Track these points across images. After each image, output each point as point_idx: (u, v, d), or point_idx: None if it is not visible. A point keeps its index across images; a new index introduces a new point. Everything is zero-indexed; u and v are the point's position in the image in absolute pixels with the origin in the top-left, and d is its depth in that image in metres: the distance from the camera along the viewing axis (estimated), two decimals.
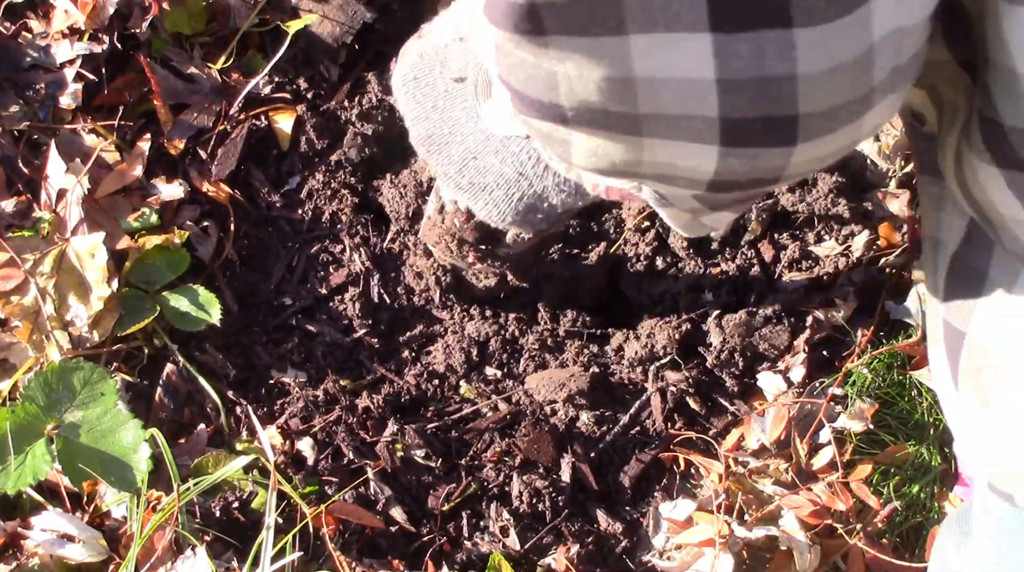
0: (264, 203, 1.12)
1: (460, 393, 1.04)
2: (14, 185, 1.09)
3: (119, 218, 1.06)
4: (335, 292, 1.10)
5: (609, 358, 1.05)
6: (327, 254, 1.11)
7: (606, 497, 1.01)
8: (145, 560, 0.92)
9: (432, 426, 1.02)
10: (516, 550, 0.97)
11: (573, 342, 1.05)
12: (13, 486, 0.91)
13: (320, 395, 1.03)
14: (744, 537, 0.96)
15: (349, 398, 1.02)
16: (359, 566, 0.95)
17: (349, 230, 1.11)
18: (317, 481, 0.97)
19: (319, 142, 1.12)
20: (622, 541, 0.99)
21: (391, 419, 1.01)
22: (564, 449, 1.00)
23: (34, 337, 1.00)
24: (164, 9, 1.12)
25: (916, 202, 1.12)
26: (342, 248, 1.11)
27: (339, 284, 1.10)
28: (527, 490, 0.98)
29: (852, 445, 1.00)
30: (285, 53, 1.11)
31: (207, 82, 1.13)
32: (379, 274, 1.10)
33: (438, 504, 0.98)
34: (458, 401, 1.04)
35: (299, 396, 1.02)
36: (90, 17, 1.12)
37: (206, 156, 1.11)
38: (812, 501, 0.95)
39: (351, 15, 1.11)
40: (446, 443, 1.01)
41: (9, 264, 1.02)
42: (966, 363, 0.66)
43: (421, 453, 1.00)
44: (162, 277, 1.05)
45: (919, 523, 1.02)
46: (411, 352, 1.07)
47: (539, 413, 1.02)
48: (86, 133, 1.10)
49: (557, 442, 0.99)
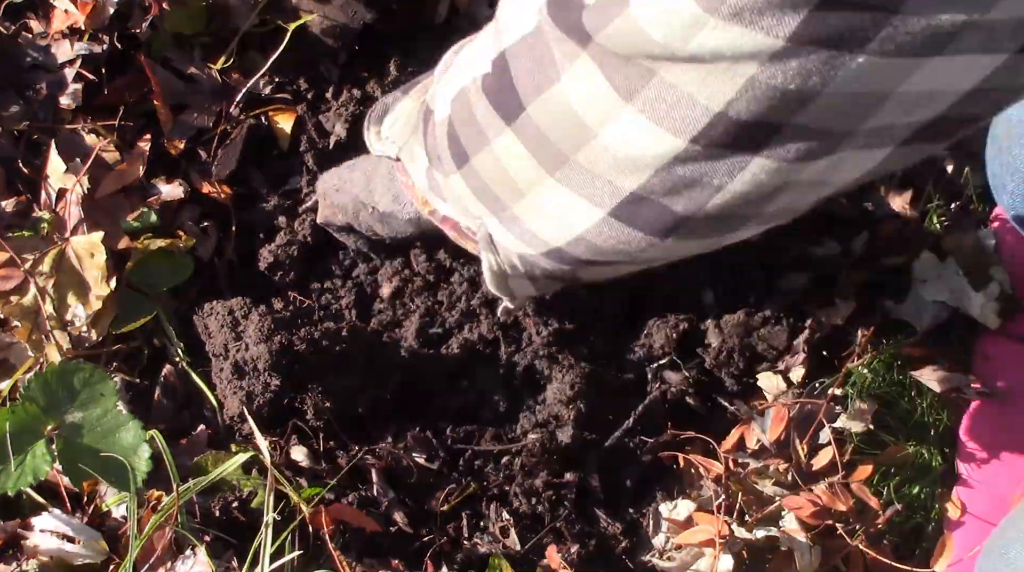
0: (264, 203, 1.12)
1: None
2: (14, 185, 1.09)
3: (119, 218, 1.06)
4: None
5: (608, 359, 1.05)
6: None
7: (607, 497, 1.01)
8: (145, 560, 0.92)
9: (432, 427, 1.02)
10: (516, 550, 0.97)
11: (574, 344, 1.05)
12: (13, 486, 0.91)
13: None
14: (744, 537, 0.96)
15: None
16: (359, 566, 0.95)
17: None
18: (319, 483, 0.97)
19: (319, 142, 1.12)
20: (622, 541, 0.99)
21: (392, 420, 1.01)
22: (565, 449, 1.00)
23: (33, 337, 1.00)
24: (164, 9, 1.12)
25: (917, 201, 1.12)
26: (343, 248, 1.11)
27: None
28: (528, 490, 0.98)
29: (852, 445, 1.00)
30: (286, 54, 1.11)
31: (207, 82, 1.13)
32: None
33: (438, 505, 0.98)
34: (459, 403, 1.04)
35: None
36: (90, 17, 1.12)
37: (206, 156, 1.11)
38: (812, 502, 0.94)
39: (351, 15, 1.11)
40: (446, 444, 1.01)
41: (9, 264, 1.02)
42: None
43: (422, 455, 1.00)
44: (164, 281, 1.05)
45: (919, 524, 1.02)
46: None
47: (540, 414, 1.02)
48: (86, 133, 1.10)
49: (557, 443, 0.99)
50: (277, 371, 0.95)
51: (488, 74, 0.60)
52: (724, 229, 0.58)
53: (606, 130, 0.53)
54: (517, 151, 0.58)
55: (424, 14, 1.16)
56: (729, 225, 0.57)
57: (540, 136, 0.56)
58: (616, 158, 0.54)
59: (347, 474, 0.98)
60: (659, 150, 0.52)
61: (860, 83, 0.47)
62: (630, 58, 0.51)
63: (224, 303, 1.01)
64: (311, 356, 0.95)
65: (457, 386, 1.04)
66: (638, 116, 0.52)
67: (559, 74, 0.54)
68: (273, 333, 0.96)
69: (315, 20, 1.12)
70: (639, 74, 0.51)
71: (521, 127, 0.57)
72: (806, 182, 0.54)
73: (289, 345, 0.96)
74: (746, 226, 0.58)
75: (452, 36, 1.14)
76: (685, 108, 0.50)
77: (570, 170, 0.56)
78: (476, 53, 0.65)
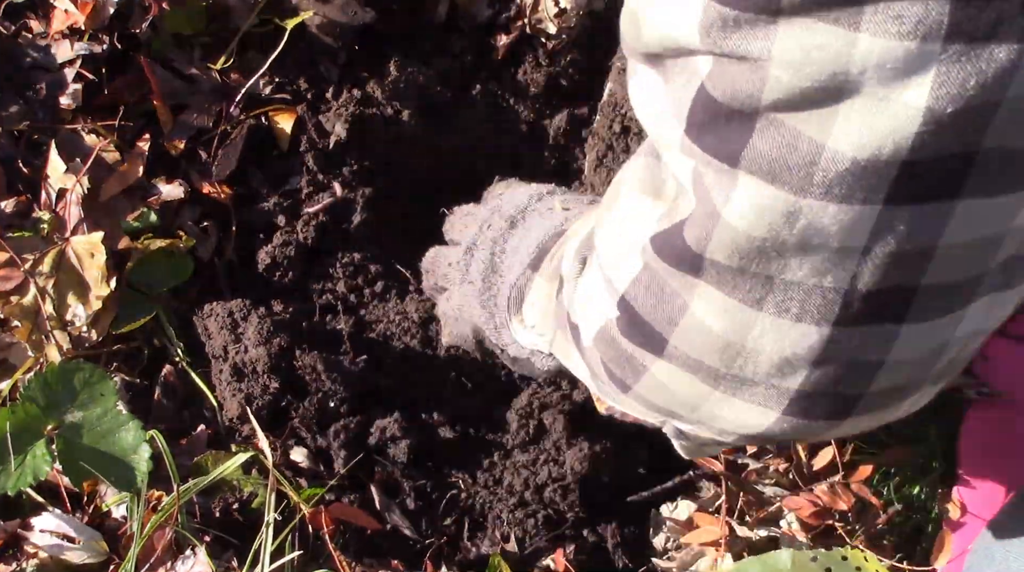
0: (264, 203, 1.12)
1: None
2: (14, 185, 1.09)
3: (119, 218, 1.06)
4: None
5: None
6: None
7: (607, 498, 1.01)
8: (145, 560, 0.92)
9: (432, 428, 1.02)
10: (516, 551, 0.97)
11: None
12: (13, 486, 0.91)
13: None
14: (745, 537, 0.96)
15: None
16: (359, 566, 0.95)
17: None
18: (319, 483, 0.97)
19: (319, 142, 1.12)
20: (622, 541, 0.99)
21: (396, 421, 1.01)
22: (566, 451, 1.00)
23: (33, 337, 1.00)
24: (164, 9, 1.12)
25: None
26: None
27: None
28: (528, 490, 0.98)
29: (852, 445, 1.00)
30: (285, 53, 1.11)
31: (207, 82, 1.13)
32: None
33: (438, 505, 0.98)
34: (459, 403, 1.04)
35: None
36: (90, 17, 1.12)
37: (206, 156, 1.11)
38: (813, 502, 0.94)
39: (351, 15, 1.11)
40: (446, 444, 1.01)
41: (9, 264, 1.02)
42: None
43: (421, 456, 1.00)
44: (164, 281, 1.04)
45: (919, 524, 1.02)
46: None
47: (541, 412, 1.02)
48: (86, 133, 1.10)
49: (558, 443, 0.99)
50: (276, 373, 0.95)
51: (618, 317, 0.61)
52: (898, 397, 0.57)
53: (750, 340, 0.54)
54: (677, 376, 0.59)
55: (424, 14, 1.16)
56: (904, 393, 0.57)
57: (691, 360, 0.57)
58: (771, 363, 0.54)
59: (347, 473, 0.98)
60: (807, 343, 0.52)
61: (970, 229, 0.47)
62: (743, 270, 0.51)
63: (224, 305, 1.01)
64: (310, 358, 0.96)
65: (456, 387, 1.04)
66: (776, 319, 0.52)
67: (686, 304, 0.55)
68: (272, 336, 0.96)
69: (315, 20, 1.12)
70: (759, 283, 0.51)
71: (671, 356, 0.58)
72: (962, 335, 0.54)
73: (288, 348, 0.96)
74: (919, 390, 0.57)
75: (452, 36, 1.16)
76: (816, 297, 0.50)
77: (731, 382, 0.57)
78: (593, 289, 0.65)
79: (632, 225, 0.60)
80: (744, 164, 0.48)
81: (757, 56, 0.45)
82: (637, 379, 0.62)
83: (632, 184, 0.62)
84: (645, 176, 0.61)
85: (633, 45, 0.54)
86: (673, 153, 0.53)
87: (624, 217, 0.62)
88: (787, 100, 0.45)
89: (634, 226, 0.60)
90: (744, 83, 0.46)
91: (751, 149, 0.47)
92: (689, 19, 0.47)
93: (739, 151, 0.47)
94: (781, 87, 0.45)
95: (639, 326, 0.59)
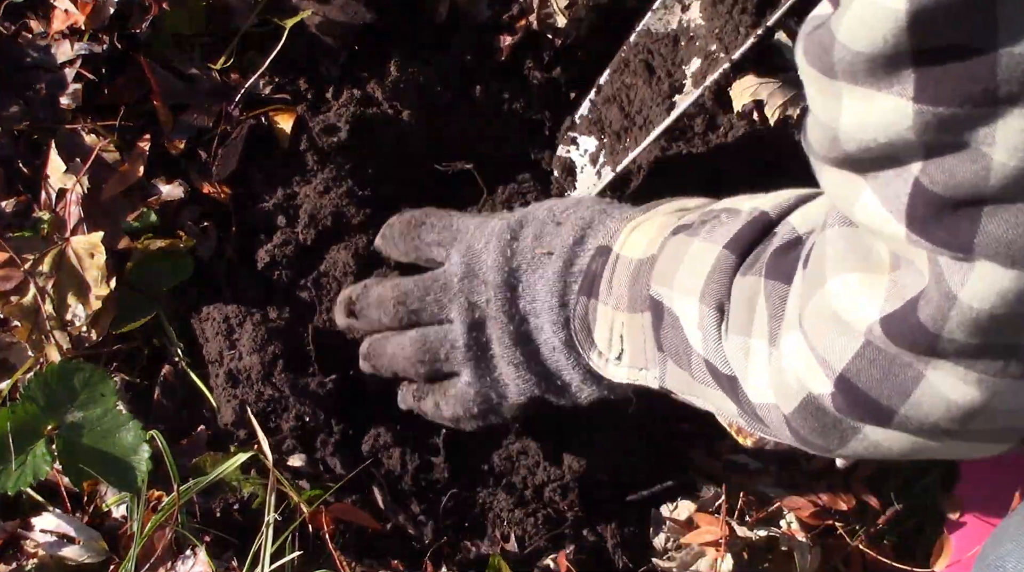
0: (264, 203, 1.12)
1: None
2: (14, 185, 1.09)
3: (119, 218, 1.06)
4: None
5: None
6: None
7: (607, 497, 1.01)
8: (145, 560, 0.92)
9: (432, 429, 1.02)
10: (516, 551, 0.97)
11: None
12: (13, 486, 0.91)
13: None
14: (745, 537, 0.96)
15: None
16: (359, 566, 0.95)
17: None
18: (319, 485, 0.97)
19: (319, 142, 1.12)
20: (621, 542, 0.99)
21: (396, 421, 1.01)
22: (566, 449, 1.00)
23: (33, 337, 1.00)
24: (164, 9, 1.12)
25: None
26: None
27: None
28: (528, 490, 0.98)
29: None
30: (285, 53, 1.11)
31: (207, 82, 1.13)
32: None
33: (438, 506, 0.98)
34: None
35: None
36: (90, 17, 1.12)
37: (206, 156, 1.11)
38: (812, 502, 0.95)
39: (351, 15, 1.11)
40: (447, 444, 1.01)
41: (9, 264, 1.02)
42: None
43: (422, 454, 1.00)
44: (164, 281, 1.04)
45: (919, 524, 1.02)
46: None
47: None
48: (86, 133, 1.10)
49: (556, 445, 1.00)
50: (269, 382, 0.95)
51: (833, 393, 0.61)
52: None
53: (992, 406, 0.56)
54: (897, 438, 0.61)
55: (424, 14, 1.16)
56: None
57: (924, 427, 0.58)
58: (994, 430, 0.57)
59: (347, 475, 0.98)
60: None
61: None
62: (985, 345, 0.52)
63: (220, 309, 1.01)
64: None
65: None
66: (1013, 382, 0.54)
67: (918, 377, 0.56)
68: (267, 343, 0.96)
69: (315, 20, 1.12)
70: (1002, 352, 0.53)
71: (899, 425, 0.59)
72: None
73: (283, 355, 0.96)
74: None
75: (452, 36, 1.16)
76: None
77: (964, 436, 0.59)
78: (796, 363, 0.64)
79: (845, 305, 0.59)
80: (979, 250, 0.48)
81: (979, 145, 0.46)
82: (844, 444, 0.63)
83: (835, 263, 0.61)
84: (846, 248, 0.60)
85: (825, 154, 0.55)
86: (898, 244, 0.53)
87: (835, 297, 0.61)
88: (1015, 184, 0.46)
89: (848, 306, 0.59)
90: (966, 173, 0.47)
91: (984, 235, 0.48)
92: (899, 125, 0.48)
93: (971, 239, 0.48)
94: (1007, 172, 0.46)
95: (862, 404, 0.59)
